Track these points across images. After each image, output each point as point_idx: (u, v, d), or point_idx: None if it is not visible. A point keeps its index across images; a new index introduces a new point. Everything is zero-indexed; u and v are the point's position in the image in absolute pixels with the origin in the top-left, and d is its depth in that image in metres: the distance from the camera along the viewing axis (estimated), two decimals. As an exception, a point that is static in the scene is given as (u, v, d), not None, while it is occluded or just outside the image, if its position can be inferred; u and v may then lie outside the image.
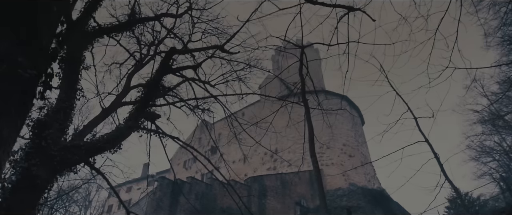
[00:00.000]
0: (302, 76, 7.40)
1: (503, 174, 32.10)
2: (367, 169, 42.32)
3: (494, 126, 33.30)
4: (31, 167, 5.35)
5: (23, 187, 5.11)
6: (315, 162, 6.30)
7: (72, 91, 7.53)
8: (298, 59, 7.37)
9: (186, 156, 52.99)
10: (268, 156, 42.62)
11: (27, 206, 4.99)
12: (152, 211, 24.96)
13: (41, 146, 5.69)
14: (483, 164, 35.87)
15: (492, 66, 12.08)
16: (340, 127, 41.40)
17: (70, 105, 7.16)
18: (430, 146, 7.40)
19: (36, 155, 5.55)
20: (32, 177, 5.25)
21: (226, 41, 11.04)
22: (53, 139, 5.93)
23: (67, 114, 6.92)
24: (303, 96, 7.37)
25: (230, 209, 28.02)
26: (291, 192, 32.41)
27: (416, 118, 7.89)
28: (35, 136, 5.86)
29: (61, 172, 6.02)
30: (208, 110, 11.90)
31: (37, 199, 5.25)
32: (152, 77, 9.10)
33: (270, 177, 32.17)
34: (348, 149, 41.39)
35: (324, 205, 5.89)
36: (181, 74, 10.89)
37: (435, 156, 7.26)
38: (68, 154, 5.92)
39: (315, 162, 6.30)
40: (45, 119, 6.17)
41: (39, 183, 5.27)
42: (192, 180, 29.50)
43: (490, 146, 34.85)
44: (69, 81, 7.60)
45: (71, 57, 7.82)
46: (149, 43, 13.07)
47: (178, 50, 10.27)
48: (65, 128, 6.68)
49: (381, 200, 26.18)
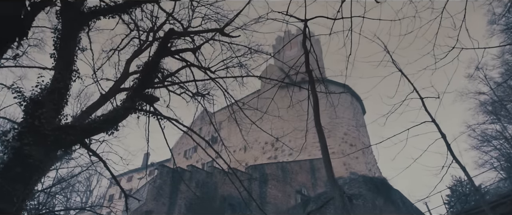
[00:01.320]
0: (306, 48, 7.18)
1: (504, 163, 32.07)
2: (368, 158, 42.28)
3: (495, 115, 33.13)
4: (24, 146, 5.18)
5: (15, 165, 4.95)
6: (321, 132, 6.14)
7: (67, 72, 7.32)
8: (301, 31, 7.14)
9: (186, 146, 52.98)
10: (269, 145, 42.57)
11: (19, 185, 4.82)
12: (152, 198, 24.91)
13: (34, 125, 5.50)
14: (485, 153, 35.81)
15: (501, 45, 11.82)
16: (341, 116, 41.26)
17: (65, 86, 6.95)
18: (437, 125, 7.21)
19: (29, 135, 5.37)
20: (25, 156, 5.08)
21: (226, 23, 10.77)
22: (47, 119, 5.74)
23: (62, 95, 6.72)
24: (307, 67, 7.17)
25: (230, 197, 28.00)
26: (291, 181, 32.36)
27: (422, 98, 7.69)
28: (28, 115, 5.67)
29: (55, 152, 5.83)
30: (208, 94, 11.68)
31: (30, 178, 5.08)
32: (150, 59, 8.89)
33: (270, 166, 32.09)
34: (349, 138, 41.30)
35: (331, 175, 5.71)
36: (180, 58, 10.65)
37: (442, 136, 7.08)
38: (62, 134, 5.73)
39: (321, 132, 6.14)
40: (39, 98, 5.98)
41: (32, 162, 5.09)
42: (192, 168, 29.40)
43: (491, 135, 34.75)
44: (64, 62, 7.39)
45: (66, 37, 7.61)
46: (148, 29, 12.87)
47: (177, 32, 10.03)
48: (60, 108, 6.48)
49: (382, 189, 26.05)
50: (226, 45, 11.93)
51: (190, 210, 26.18)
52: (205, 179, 28.69)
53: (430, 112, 7.36)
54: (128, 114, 7.17)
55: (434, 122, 7.34)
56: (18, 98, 6.00)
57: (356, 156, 38.89)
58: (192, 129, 8.73)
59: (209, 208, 26.85)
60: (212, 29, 11.42)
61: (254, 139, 42.93)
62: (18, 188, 4.85)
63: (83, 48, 8.94)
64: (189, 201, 26.47)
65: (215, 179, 28.78)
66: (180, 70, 11.37)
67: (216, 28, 11.23)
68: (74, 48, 7.84)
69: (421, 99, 7.74)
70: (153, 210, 24.40)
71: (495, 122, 33.76)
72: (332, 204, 22.79)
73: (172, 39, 10.65)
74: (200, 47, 10.55)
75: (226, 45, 11.87)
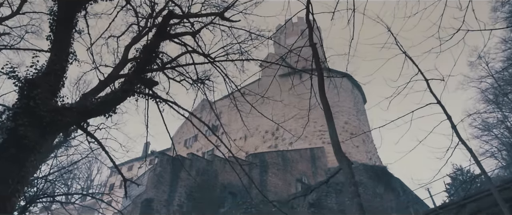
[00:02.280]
0: (309, 23, 7.01)
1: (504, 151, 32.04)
2: (369, 147, 42.27)
3: (497, 104, 33.01)
4: (19, 127, 5.04)
5: (10, 146, 4.81)
6: (326, 106, 6.01)
7: (64, 54, 7.15)
8: (305, 6, 6.97)
9: (186, 135, 52.96)
10: (269, 134, 42.51)
11: (14, 166, 4.70)
12: (153, 186, 24.92)
13: (29, 106, 5.35)
14: (485, 142, 35.78)
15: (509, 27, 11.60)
16: (341, 105, 41.12)
17: (61, 68, 6.79)
18: (442, 107, 7.07)
19: (24, 115, 5.23)
20: (19, 137, 4.94)
21: (226, 7, 10.58)
22: (43, 100, 5.59)
23: (59, 76, 6.56)
24: (311, 39, 7.00)
25: (231, 185, 28.04)
26: (292, 169, 32.39)
27: (427, 79, 7.53)
28: (23, 96, 5.53)
29: (51, 134, 5.68)
30: (208, 79, 11.51)
31: (26, 160, 4.94)
32: (149, 42, 8.72)
33: (271, 154, 32.09)
34: (349, 127, 41.24)
35: (338, 148, 5.59)
36: (180, 41, 10.48)
37: (448, 117, 6.95)
38: (58, 115, 5.58)
39: (326, 106, 6.01)
40: (34, 79, 5.82)
41: (27, 143, 4.96)
42: (192, 156, 29.39)
43: (492, 124, 34.68)
44: (61, 44, 7.22)
45: (62, 19, 7.43)
46: (147, 15, 12.72)
47: (176, 15, 9.83)
48: (56, 90, 6.33)
49: (383, 177, 26.10)
50: (226, 31, 11.76)
51: (190, 198, 26.24)
52: (205, 167, 28.71)
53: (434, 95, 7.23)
54: (126, 97, 7.02)
55: (440, 103, 7.19)
56: (12, 79, 5.84)
57: (356, 145, 38.87)
58: (192, 113, 8.59)
59: (209, 196, 26.90)
60: (212, 13, 11.25)
61: (254, 128, 42.88)
62: (13, 170, 4.73)
63: (80, 30, 8.77)
64: (189, 189, 26.50)
65: (216, 167, 28.80)
66: (180, 56, 11.20)
67: (216, 12, 11.04)
68: (71, 31, 7.67)
69: (426, 81, 7.59)
70: (153, 198, 24.42)
71: (497, 111, 33.66)
72: (334, 192, 22.82)
73: (172, 24, 10.48)
74: (200, 30, 10.36)
75: (227, 31, 11.70)
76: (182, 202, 25.75)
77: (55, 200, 16.48)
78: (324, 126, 39.08)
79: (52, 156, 16.32)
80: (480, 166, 6.28)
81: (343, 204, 22.58)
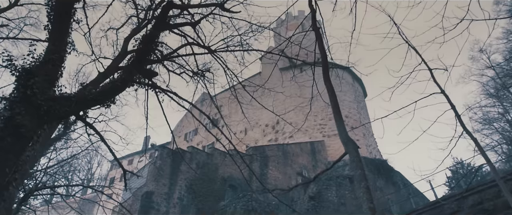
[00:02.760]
0: (312, 7, 6.90)
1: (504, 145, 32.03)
2: (369, 141, 42.22)
3: (497, 98, 32.95)
4: (15, 115, 4.95)
5: (6, 135, 4.72)
6: (330, 89, 5.93)
7: (62, 44, 7.04)
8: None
9: (187, 128, 52.93)
10: (270, 127, 42.46)
11: (11, 155, 4.62)
12: (153, 179, 24.91)
13: (27, 95, 5.26)
14: (485, 136, 35.73)
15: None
16: (342, 99, 41.00)
17: (59, 58, 6.68)
18: (446, 97, 6.98)
19: (20, 104, 5.14)
20: (16, 126, 4.85)
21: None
22: (40, 89, 5.49)
23: (57, 66, 6.46)
24: (314, 22, 6.90)
25: (231, 178, 28.03)
26: (292, 163, 32.40)
27: (431, 69, 7.43)
28: (20, 85, 5.43)
29: (49, 123, 5.59)
30: (209, 71, 11.43)
31: (22, 149, 4.86)
32: (148, 32, 8.61)
33: (271, 147, 32.10)
34: (350, 120, 41.15)
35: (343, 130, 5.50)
36: (180, 32, 10.38)
37: (452, 107, 6.86)
38: (56, 104, 5.49)
39: (330, 89, 5.93)
40: (31, 68, 5.72)
41: (23, 132, 4.87)
42: (193, 149, 29.37)
43: (493, 117, 34.64)
44: (59, 33, 7.11)
45: (60, 8, 7.31)
46: (146, 7, 12.66)
47: (176, 5, 9.70)
48: (54, 79, 6.23)
49: (383, 170, 26.16)
50: (226, 23, 11.65)
51: (190, 191, 26.25)
52: (205, 160, 28.69)
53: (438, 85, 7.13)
54: (125, 87, 6.92)
55: (443, 93, 7.10)
56: (9, 68, 5.73)
57: (357, 139, 38.82)
58: (193, 103, 8.50)
59: (209, 189, 26.92)
60: (212, 3, 11.13)
61: (254, 122, 42.84)
62: (9, 158, 4.65)
63: (78, 20, 8.65)
64: (189, 182, 26.51)
65: (216, 161, 28.79)
66: (180, 48, 11.12)
67: (216, 3, 10.92)
68: (69, 20, 7.55)
69: (430, 70, 7.48)
70: (153, 191, 24.43)
71: (497, 105, 33.61)
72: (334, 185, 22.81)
73: (171, 16, 10.37)
74: (200, 21, 10.25)
75: (227, 22, 11.59)
76: (182, 195, 25.77)
77: (55, 192, 16.45)
78: (324, 119, 39.02)
79: (52, 148, 16.29)
80: (484, 156, 6.20)
81: (344, 197, 22.60)
